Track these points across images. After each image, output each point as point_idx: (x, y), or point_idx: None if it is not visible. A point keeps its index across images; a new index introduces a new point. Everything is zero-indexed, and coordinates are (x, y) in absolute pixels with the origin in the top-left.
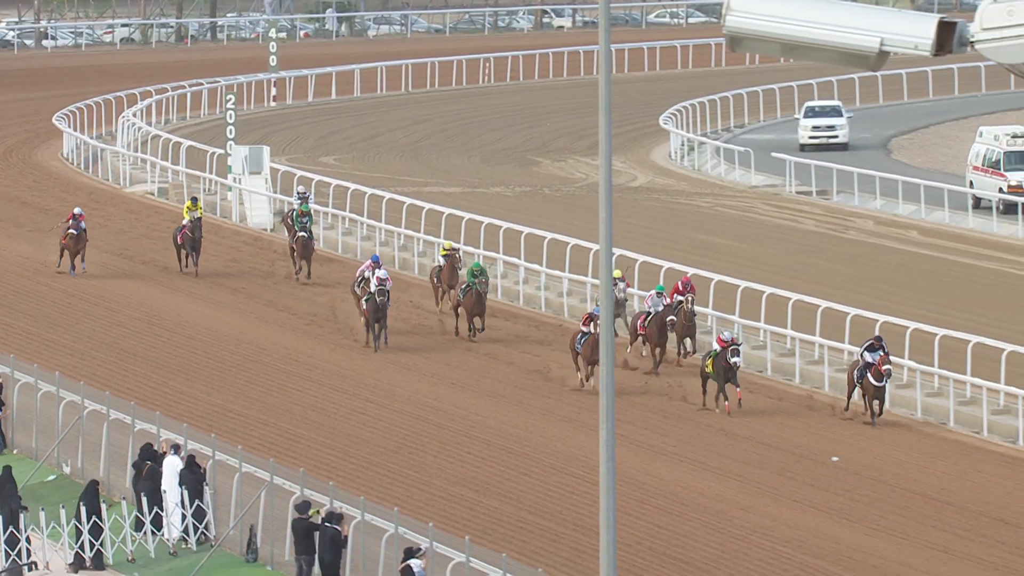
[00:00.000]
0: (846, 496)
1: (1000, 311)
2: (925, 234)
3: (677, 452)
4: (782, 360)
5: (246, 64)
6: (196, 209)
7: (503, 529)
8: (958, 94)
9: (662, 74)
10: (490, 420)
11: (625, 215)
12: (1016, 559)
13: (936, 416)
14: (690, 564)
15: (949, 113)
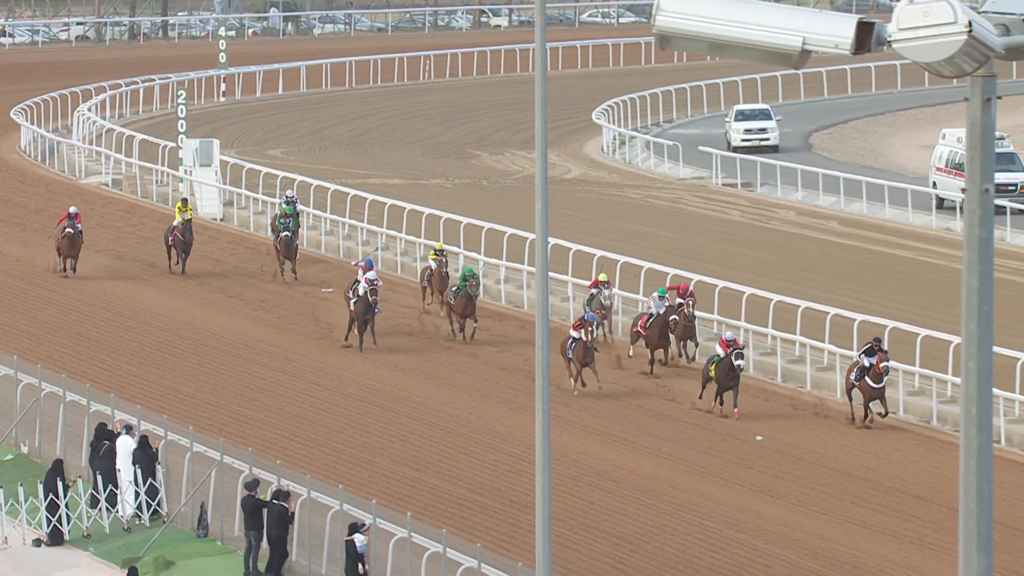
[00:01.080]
0: (770, 473)
1: (915, 297)
2: (844, 224)
3: (609, 432)
4: (709, 344)
5: (196, 61)
6: (187, 211)
7: (443, 506)
8: (875, 91)
9: (595, 71)
10: (431, 402)
11: (560, 206)
12: (930, 533)
13: (855, 398)
14: (621, 538)
15: (867, 109)
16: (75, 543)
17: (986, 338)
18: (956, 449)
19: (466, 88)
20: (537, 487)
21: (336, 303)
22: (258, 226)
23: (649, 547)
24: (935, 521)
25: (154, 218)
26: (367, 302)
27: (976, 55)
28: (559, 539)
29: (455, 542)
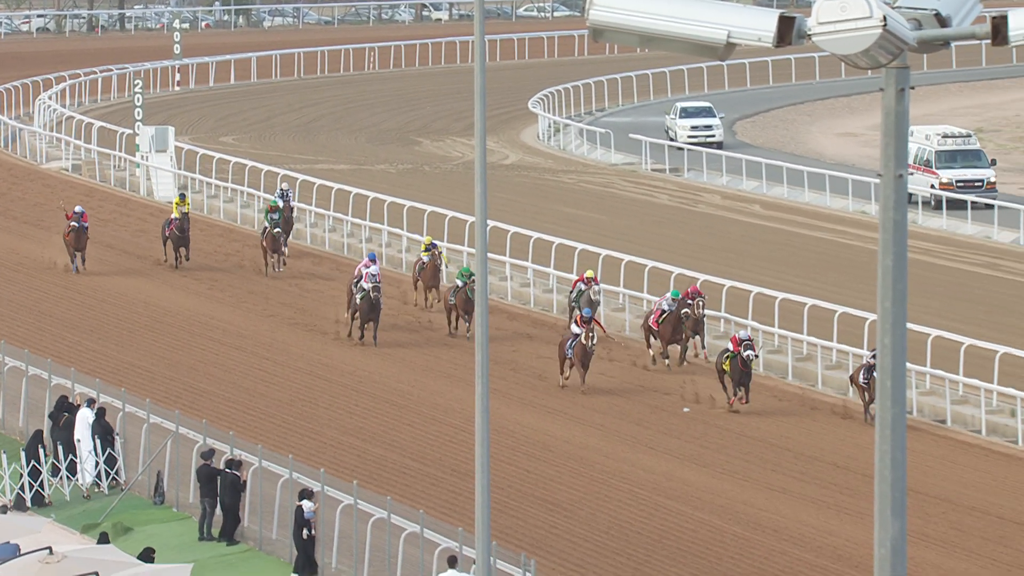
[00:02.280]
0: (696, 443)
1: (833, 276)
2: (766, 207)
3: (545, 405)
4: (638, 321)
5: (152, 52)
6: (184, 205)
7: (388, 474)
8: (795, 81)
9: (531, 63)
10: (375, 376)
11: (498, 190)
12: (847, 498)
13: (776, 372)
14: (556, 505)
15: (787, 98)
16: (36, 510)
17: (900, 315)
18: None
19: (409, 78)
20: (476, 456)
21: (285, 280)
22: (211, 209)
23: (582, 513)
24: (851, 488)
25: (112, 201)
26: (371, 300)
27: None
28: (497, 505)
29: (399, 508)
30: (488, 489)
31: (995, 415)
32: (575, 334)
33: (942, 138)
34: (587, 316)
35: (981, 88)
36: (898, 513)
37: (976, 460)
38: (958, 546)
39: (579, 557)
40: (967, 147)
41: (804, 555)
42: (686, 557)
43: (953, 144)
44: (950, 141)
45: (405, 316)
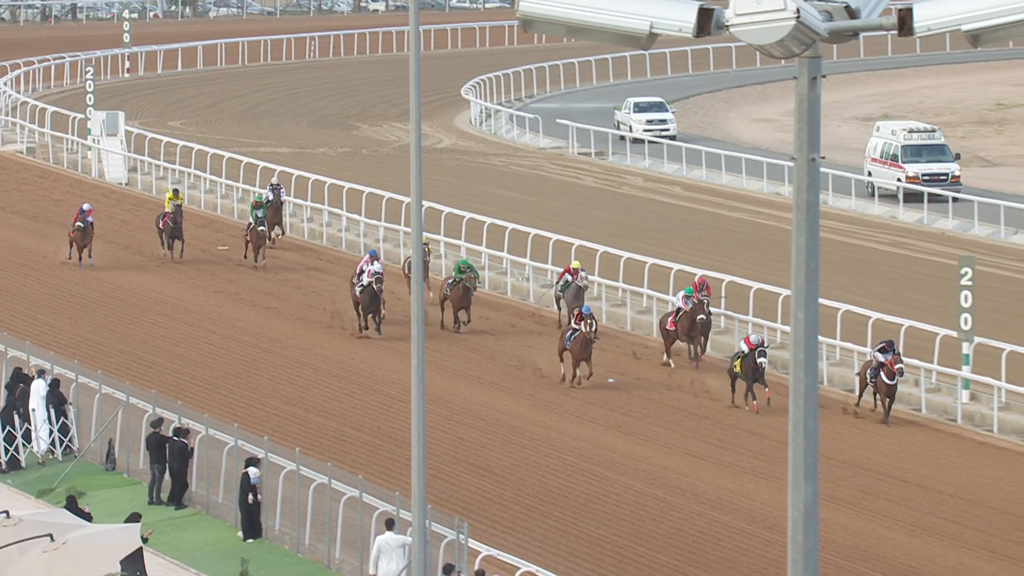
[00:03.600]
0: (620, 412)
1: (749, 254)
2: (686, 189)
3: (477, 376)
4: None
5: (103, 40)
6: (177, 199)
7: (328, 442)
8: (713, 70)
9: (463, 51)
10: (316, 348)
11: (432, 173)
12: (762, 464)
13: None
14: (487, 470)
15: (706, 86)
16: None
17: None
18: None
19: (347, 66)
20: (412, 425)
21: (231, 259)
22: (160, 190)
23: (512, 478)
24: (766, 454)
25: (65, 183)
26: (372, 292)
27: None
28: (432, 471)
29: (339, 474)
30: (423, 456)
31: (900, 385)
32: (574, 328)
33: (908, 133)
34: (586, 312)
35: (887, 76)
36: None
37: (881, 427)
38: (865, 508)
39: (509, 520)
40: (932, 142)
41: (722, 517)
42: (610, 519)
43: (918, 139)
44: (915, 136)
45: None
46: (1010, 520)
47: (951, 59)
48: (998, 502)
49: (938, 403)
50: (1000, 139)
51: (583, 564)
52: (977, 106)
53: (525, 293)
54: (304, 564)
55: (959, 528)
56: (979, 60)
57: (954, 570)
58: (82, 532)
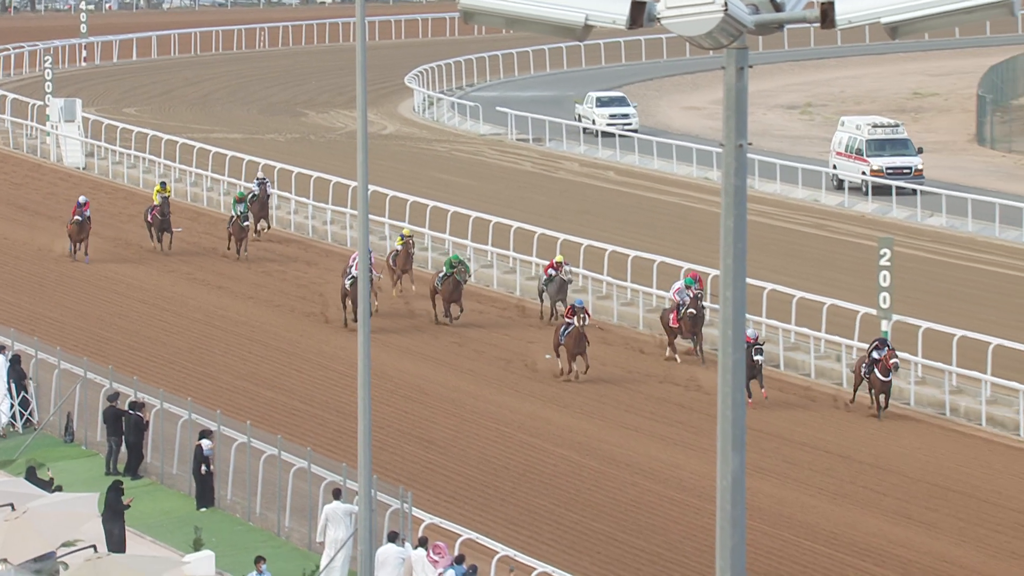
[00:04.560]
0: (557, 386)
1: (679, 236)
2: (620, 174)
3: (421, 352)
4: (505, 276)
5: (61, 31)
6: (165, 191)
7: (278, 415)
8: (645, 60)
9: (407, 42)
10: (267, 325)
11: (377, 158)
12: (692, 436)
13: (629, 322)
14: (431, 442)
15: (638, 75)
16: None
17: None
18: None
19: (296, 56)
20: (359, 399)
21: (185, 240)
22: (116, 174)
23: (454, 449)
24: (695, 426)
25: (25, 167)
26: None
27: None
28: (378, 443)
29: (288, 446)
30: (369, 428)
31: (823, 360)
32: (568, 323)
33: (872, 128)
34: (579, 306)
35: (810, 67)
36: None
37: (805, 401)
38: (790, 477)
39: (452, 490)
40: (895, 136)
41: (653, 486)
42: (548, 489)
43: (882, 133)
44: (880, 131)
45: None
46: (926, 488)
47: (870, 50)
48: (915, 471)
49: None
50: (916, 126)
51: (522, 531)
52: (895, 95)
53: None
54: (255, 532)
55: (878, 496)
56: (897, 51)
57: (873, 536)
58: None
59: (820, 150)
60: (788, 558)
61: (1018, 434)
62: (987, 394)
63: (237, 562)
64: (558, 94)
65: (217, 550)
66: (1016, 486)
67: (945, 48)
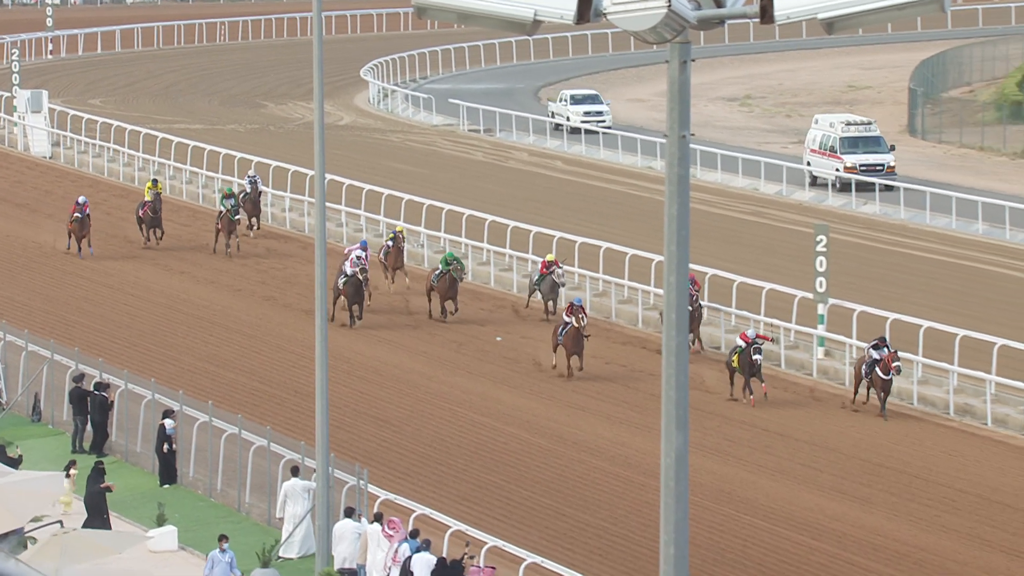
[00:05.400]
0: (507, 368)
1: (625, 223)
2: (567, 163)
3: (377, 335)
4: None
5: (28, 24)
6: (156, 188)
7: (240, 395)
8: (591, 54)
9: (363, 36)
10: (229, 310)
11: (334, 148)
12: (636, 415)
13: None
14: (386, 421)
15: (585, 68)
16: None
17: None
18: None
19: (255, 49)
20: (317, 380)
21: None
22: (81, 163)
23: (409, 428)
24: (640, 405)
25: None
26: (357, 283)
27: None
28: (335, 422)
29: (249, 425)
30: (327, 408)
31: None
32: (566, 322)
33: (845, 125)
34: (577, 304)
35: (749, 60)
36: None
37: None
38: (730, 455)
39: (406, 467)
40: (868, 134)
41: (600, 463)
42: (498, 465)
43: (855, 131)
44: (853, 128)
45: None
46: (860, 465)
47: (807, 45)
48: (850, 449)
49: (796, 359)
50: None
51: (474, 507)
52: (831, 87)
53: (420, 259)
54: (216, 508)
55: (815, 473)
56: (832, 46)
57: (810, 510)
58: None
59: (759, 140)
60: (729, 532)
61: (948, 413)
62: (918, 375)
63: (199, 537)
64: (508, 87)
65: (180, 525)
66: (946, 462)
67: (878, 43)
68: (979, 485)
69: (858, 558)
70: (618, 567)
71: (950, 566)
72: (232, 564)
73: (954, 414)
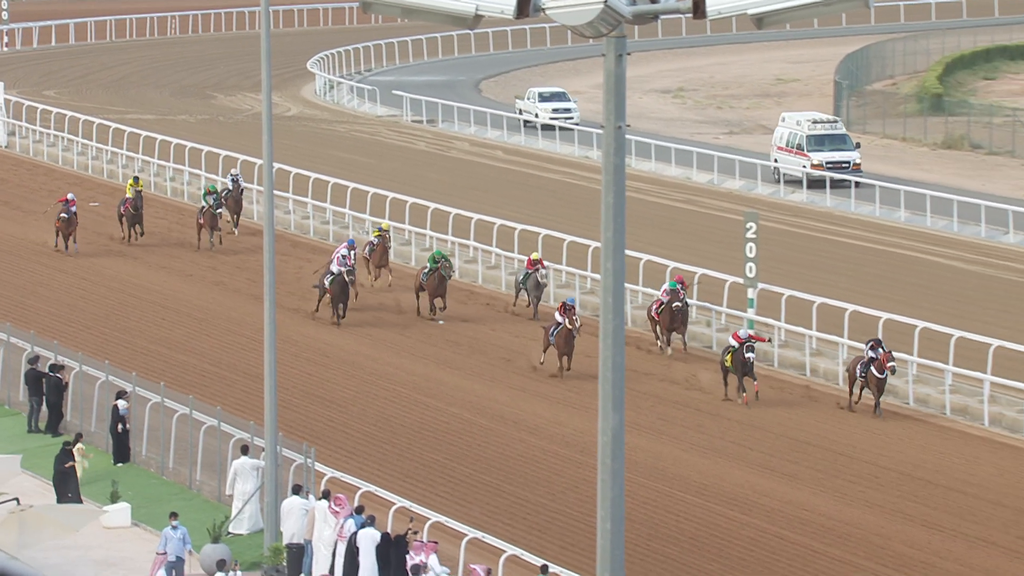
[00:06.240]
0: (449, 350)
1: (563, 211)
2: (507, 153)
3: (325, 319)
4: (402, 248)
5: None
6: (138, 185)
7: (190, 376)
8: (530, 47)
9: (309, 29)
10: (179, 294)
11: (281, 138)
12: (574, 395)
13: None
14: (332, 402)
15: (524, 62)
16: None
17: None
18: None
19: (205, 42)
20: (265, 362)
21: (100, 214)
22: (36, 152)
23: (354, 408)
24: (578, 386)
25: None
26: (343, 283)
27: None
28: (283, 402)
29: (200, 405)
30: (275, 389)
31: (695, 326)
32: (558, 322)
33: (812, 124)
34: (570, 304)
35: (682, 54)
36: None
37: (681, 363)
38: (664, 434)
39: (352, 446)
40: (834, 132)
41: (539, 442)
42: (441, 444)
43: (822, 129)
44: (819, 126)
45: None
46: (788, 443)
47: (737, 39)
48: (778, 427)
49: (726, 342)
50: (779, 110)
51: (417, 484)
52: (760, 80)
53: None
54: (168, 485)
55: (744, 450)
56: (761, 40)
57: (740, 486)
58: None
59: (692, 131)
60: (663, 507)
61: None
62: (844, 356)
63: (152, 513)
64: (450, 79)
65: (133, 503)
66: (869, 440)
67: (805, 38)
68: (901, 462)
69: (786, 532)
70: (556, 542)
71: (873, 539)
72: (185, 539)
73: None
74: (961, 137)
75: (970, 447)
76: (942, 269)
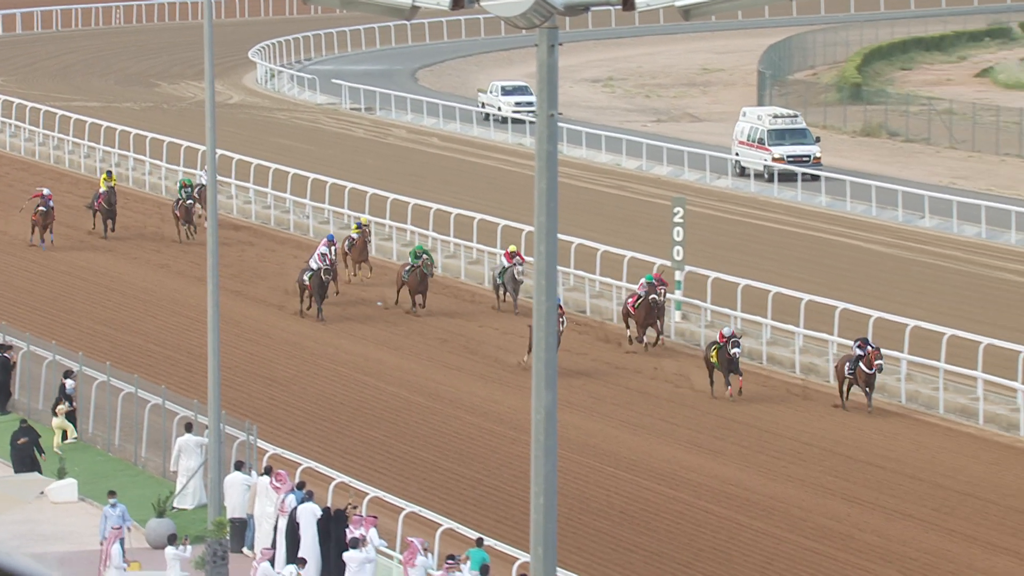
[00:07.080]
0: (390, 331)
1: (497, 196)
2: (443, 140)
3: (264, 300)
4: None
5: None
6: (111, 180)
7: (136, 356)
8: (465, 37)
9: (251, 20)
10: (125, 276)
11: (224, 125)
12: (507, 375)
13: (451, 273)
14: (275, 380)
15: (459, 52)
16: None
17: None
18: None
19: (149, 32)
20: (208, 342)
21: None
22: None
23: (295, 387)
24: (511, 367)
25: None
26: (320, 280)
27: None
28: (227, 382)
29: (145, 384)
30: (218, 368)
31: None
32: None
33: (772, 118)
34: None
35: (611, 44)
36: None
37: (612, 346)
38: (595, 411)
39: (293, 423)
40: (794, 126)
41: (474, 419)
42: (379, 422)
43: (782, 123)
44: (780, 121)
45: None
46: (715, 420)
47: (664, 30)
48: (705, 405)
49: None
50: (705, 99)
51: (356, 460)
52: (686, 70)
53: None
54: (114, 462)
55: (672, 427)
56: (687, 31)
57: (668, 462)
58: None
59: (621, 119)
60: (594, 483)
61: (794, 372)
62: (768, 336)
63: (98, 488)
64: (387, 68)
65: (80, 478)
66: (793, 417)
67: (729, 29)
68: (823, 439)
69: (712, 505)
70: (491, 515)
71: (795, 512)
72: (124, 516)
73: (799, 373)
74: (879, 125)
75: (889, 424)
76: (861, 252)
